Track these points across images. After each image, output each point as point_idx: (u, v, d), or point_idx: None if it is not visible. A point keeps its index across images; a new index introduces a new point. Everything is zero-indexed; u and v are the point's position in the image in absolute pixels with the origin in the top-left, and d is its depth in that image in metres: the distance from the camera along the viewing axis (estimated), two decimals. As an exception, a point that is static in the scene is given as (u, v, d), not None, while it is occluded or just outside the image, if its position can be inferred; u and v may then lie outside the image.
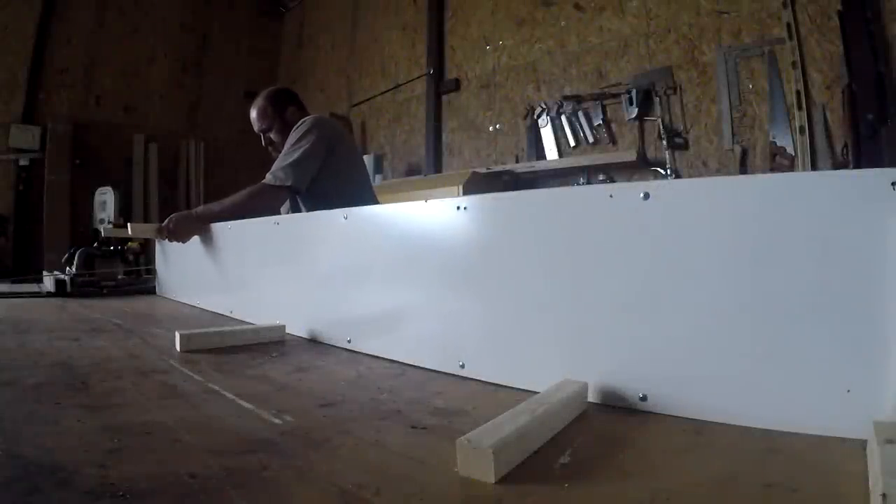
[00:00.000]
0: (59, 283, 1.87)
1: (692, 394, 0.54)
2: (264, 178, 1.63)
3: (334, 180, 1.69)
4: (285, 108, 1.82)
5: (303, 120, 1.70)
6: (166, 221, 1.59)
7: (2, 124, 3.89)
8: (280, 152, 1.74)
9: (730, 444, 0.48)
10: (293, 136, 1.67)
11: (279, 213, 1.66)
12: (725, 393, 0.53)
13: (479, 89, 3.49)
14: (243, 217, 1.40)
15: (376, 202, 1.75)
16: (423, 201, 0.82)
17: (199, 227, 1.56)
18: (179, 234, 1.58)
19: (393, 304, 0.87)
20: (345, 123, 4.39)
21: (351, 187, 1.74)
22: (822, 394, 0.48)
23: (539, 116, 3.04)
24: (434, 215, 0.80)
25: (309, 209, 1.67)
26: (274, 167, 1.63)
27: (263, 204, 1.59)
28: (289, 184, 1.59)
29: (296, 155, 1.62)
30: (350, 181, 1.76)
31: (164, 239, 1.63)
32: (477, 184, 2.87)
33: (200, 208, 1.66)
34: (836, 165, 2.11)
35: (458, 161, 3.56)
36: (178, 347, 0.92)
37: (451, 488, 0.41)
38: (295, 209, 1.77)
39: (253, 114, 1.83)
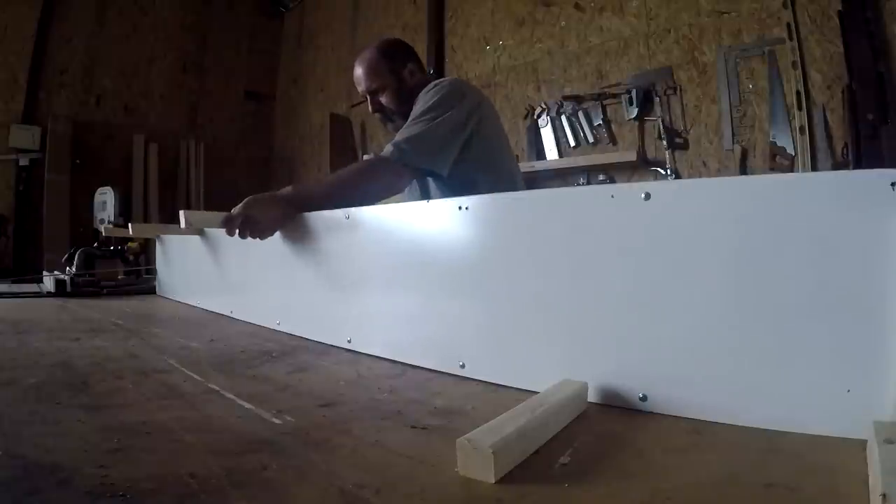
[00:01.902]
0: (59, 283, 1.87)
1: (692, 394, 0.54)
2: (382, 149, 1.21)
3: (480, 164, 1.29)
4: (403, 64, 1.40)
5: (439, 81, 1.31)
6: (240, 208, 1.04)
7: (2, 124, 3.89)
8: (394, 122, 1.39)
9: (730, 444, 0.48)
10: (427, 99, 1.25)
11: (396, 193, 1.24)
12: (725, 393, 0.53)
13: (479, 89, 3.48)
14: (350, 202, 0.99)
15: None
16: (426, 201, 0.83)
17: (288, 216, 1.07)
18: (261, 228, 1.05)
19: (393, 304, 0.87)
20: (345, 123, 4.40)
21: (500, 175, 1.33)
22: (822, 394, 0.48)
23: (539, 116, 3.04)
24: (436, 215, 0.80)
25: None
26: (398, 137, 1.20)
27: (381, 185, 1.17)
28: (421, 165, 1.19)
29: (432, 125, 1.20)
30: (499, 167, 1.35)
31: (233, 235, 1.04)
32: (477, 184, 2.86)
33: (288, 190, 1.13)
34: (836, 165, 2.11)
35: (458, 161, 3.56)
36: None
37: (451, 488, 0.41)
38: (424, 195, 1.36)
39: (359, 69, 1.39)
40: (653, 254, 0.58)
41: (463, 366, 0.74)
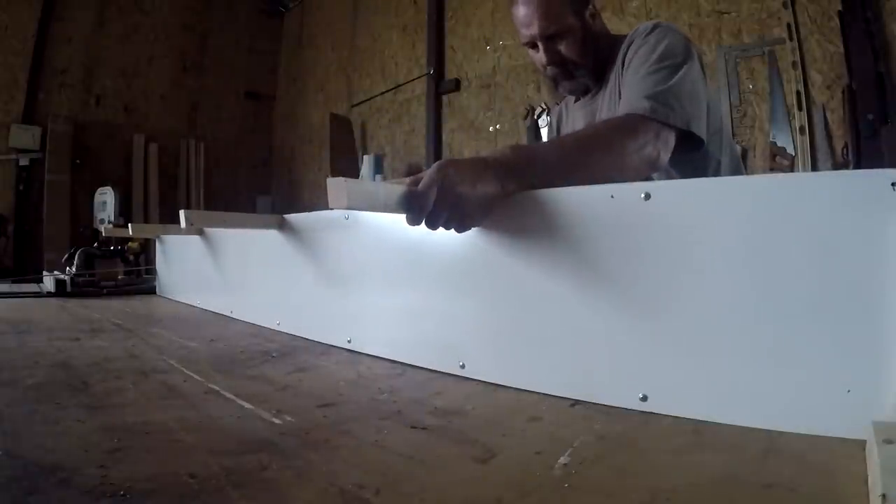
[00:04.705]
0: (59, 283, 1.87)
1: (692, 394, 0.54)
2: (631, 107, 0.87)
3: (714, 139, 1.00)
4: (585, 4, 1.08)
5: (656, 23, 1.01)
6: (433, 174, 0.64)
7: (2, 124, 3.89)
8: (575, 78, 1.12)
9: (730, 444, 0.48)
10: (652, 44, 0.96)
11: (657, 169, 0.87)
12: (725, 393, 0.53)
13: (479, 89, 3.49)
14: (600, 175, 0.72)
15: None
16: None
17: (506, 192, 0.68)
18: (467, 212, 0.66)
19: (393, 305, 0.87)
20: (345, 123, 4.40)
21: (731, 153, 1.10)
22: (822, 394, 0.48)
23: (539, 116, 3.04)
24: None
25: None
26: (648, 90, 0.88)
27: (643, 151, 0.83)
28: (686, 127, 0.87)
29: (678, 77, 0.89)
30: (730, 145, 1.12)
31: (418, 222, 0.66)
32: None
33: (503, 152, 0.72)
34: (836, 165, 2.11)
35: (458, 161, 3.56)
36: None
37: (450, 489, 0.41)
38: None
39: (530, 6, 1.05)
40: (653, 254, 0.58)
41: (463, 366, 0.74)
